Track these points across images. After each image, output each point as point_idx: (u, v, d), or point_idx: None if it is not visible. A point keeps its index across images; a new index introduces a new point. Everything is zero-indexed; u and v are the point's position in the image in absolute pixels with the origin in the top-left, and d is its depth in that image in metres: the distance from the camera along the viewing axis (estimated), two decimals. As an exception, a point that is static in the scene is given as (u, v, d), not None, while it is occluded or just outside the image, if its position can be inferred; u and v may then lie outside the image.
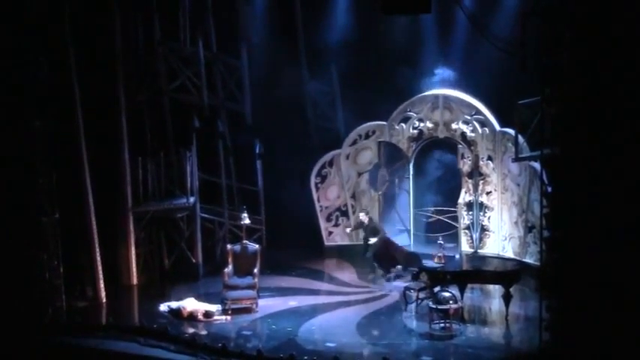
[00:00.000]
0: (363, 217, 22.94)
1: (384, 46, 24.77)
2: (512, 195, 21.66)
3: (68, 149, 19.28)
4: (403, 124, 23.60)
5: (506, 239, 21.98)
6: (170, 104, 22.58)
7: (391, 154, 23.82)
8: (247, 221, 20.94)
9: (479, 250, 22.39)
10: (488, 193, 22.39)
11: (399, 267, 21.15)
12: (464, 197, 22.68)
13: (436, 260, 20.14)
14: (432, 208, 24.34)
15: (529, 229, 20.85)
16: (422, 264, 19.96)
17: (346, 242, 24.23)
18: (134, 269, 21.16)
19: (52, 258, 18.20)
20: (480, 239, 22.47)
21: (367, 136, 24.05)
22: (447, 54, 24.35)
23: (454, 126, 22.80)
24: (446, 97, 22.97)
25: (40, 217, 18.02)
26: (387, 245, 21.45)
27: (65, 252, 18.58)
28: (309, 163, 24.34)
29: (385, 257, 21.24)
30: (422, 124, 23.33)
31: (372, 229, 22.49)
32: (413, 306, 18.76)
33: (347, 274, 22.35)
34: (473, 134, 22.50)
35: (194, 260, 21.96)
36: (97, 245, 19.76)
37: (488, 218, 22.38)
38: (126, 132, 20.81)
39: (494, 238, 22.31)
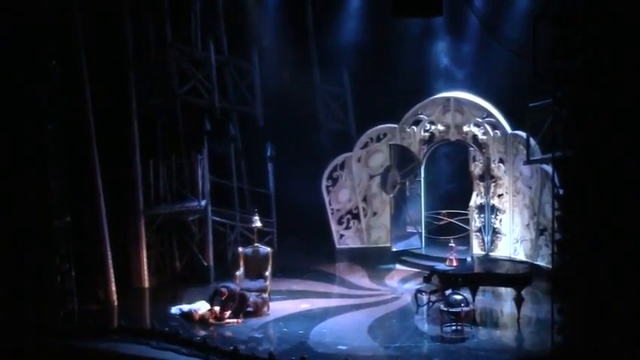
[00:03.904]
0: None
1: (395, 49, 24.77)
2: (524, 197, 21.63)
3: (80, 152, 19.31)
4: (414, 127, 23.57)
5: (517, 242, 21.95)
6: (181, 107, 22.61)
7: (402, 157, 23.80)
8: (259, 224, 21.00)
9: (490, 253, 22.36)
10: (499, 196, 22.36)
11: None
12: (475, 200, 22.66)
13: (447, 263, 20.09)
14: (444, 211, 24.34)
15: (541, 231, 20.82)
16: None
17: (358, 245, 24.23)
18: (145, 272, 21.15)
19: (64, 261, 18.25)
20: (492, 242, 22.44)
21: (378, 139, 24.03)
22: (458, 56, 24.38)
23: (465, 129, 22.77)
24: (457, 100, 22.94)
25: (51, 220, 18.06)
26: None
27: (77, 255, 18.62)
28: (321, 165, 24.33)
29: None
30: (433, 127, 23.30)
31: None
32: (424, 309, 18.73)
33: (358, 277, 22.33)
34: (484, 137, 22.46)
35: (205, 263, 21.95)
36: (108, 248, 19.78)
37: (500, 221, 22.34)
38: (137, 135, 20.82)
39: (505, 241, 22.28)
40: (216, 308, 18.29)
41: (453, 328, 17.39)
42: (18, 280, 17.59)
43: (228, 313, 18.30)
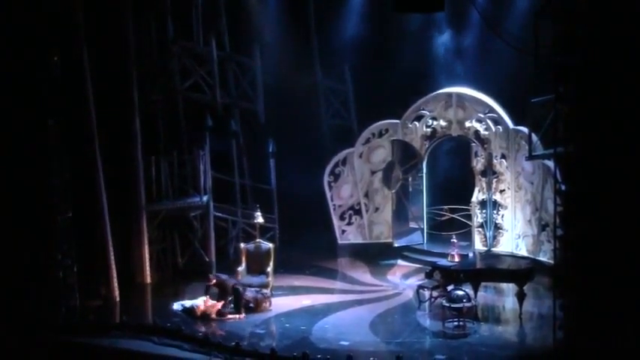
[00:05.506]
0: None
1: (396, 45, 24.79)
2: (526, 193, 21.62)
3: (81, 148, 19.31)
4: (416, 123, 23.53)
5: (519, 237, 21.94)
6: (183, 103, 22.65)
7: (404, 153, 23.79)
8: (260, 220, 21.03)
9: (492, 249, 22.35)
10: (501, 192, 22.34)
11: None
12: (477, 195, 22.65)
13: (449, 259, 20.11)
14: (446, 207, 24.35)
15: (543, 227, 20.82)
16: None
17: (360, 241, 24.20)
18: (147, 268, 21.13)
19: (66, 257, 18.26)
20: (494, 237, 22.44)
21: (380, 135, 23.98)
22: (460, 52, 24.38)
23: (467, 124, 22.74)
24: (459, 96, 22.90)
25: (53, 216, 18.07)
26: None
27: (78, 251, 18.64)
28: (322, 161, 24.31)
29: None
30: (435, 123, 23.27)
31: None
32: (426, 304, 18.73)
33: (360, 273, 22.32)
34: (486, 132, 22.44)
35: (207, 259, 21.97)
36: (110, 244, 19.77)
37: (502, 216, 22.33)
38: (139, 131, 20.81)
39: (507, 237, 22.27)
40: (210, 301, 18.47)
41: (455, 323, 17.40)
42: (20, 275, 17.62)
43: (220, 304, 18.36)
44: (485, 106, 22.51)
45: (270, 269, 19.64)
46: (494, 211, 22.42)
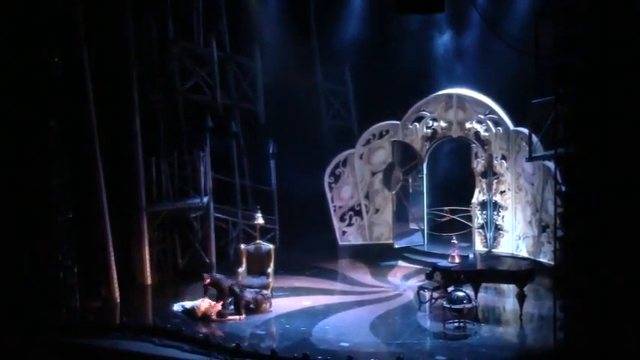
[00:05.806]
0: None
1: (397, 46, 24.79)
2: (526, 194, 21.61)
3: (82, 149, 19.30)
4: (417, 124, 23.52)
5: (520, 238, 21.93)
6: (184, 104, 22.64)
7: (405, 154, 23.78)
8: (261, 221, 21.04)
9: (493, 250, 22.34)
10: (502, 193, 22.33)
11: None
12: (477, 197, 22.63)
13: (450, 260, 20.10)
14: (446, 208, 24.33)
15: (543, 228, 20.81)
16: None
17: (360, 242, 24.18)
18: (148, 269, 21.12)
19: (66, 258, 18.25)
20: (494, 238, 22.42)
21: (381, 136, 23.97)
22: (460, 53, 24.37)
23: (468, 125, 22.73)
24: (460, 97, 22.89)
25: (53, 216, 18.06)
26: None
27: (79, 252, 18.62)
28: (323, 162, 24.30)
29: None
30: (436, 124, 23.26)
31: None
32: (427, 306, 18.73)
33: (361, 274, 22.31)
34: (487, 133, 22.42)
35: (208, 260, 21.97)
36: (110, 245, 19.76)
37: (502, 217, 22.32)
38: (139, 132, 20.80)
39: (508, 238, 22.26)
40: (209, 301, 18.47)
41: (456, 324, 17.39)
42: (20, 276, 17.61)
43: (220, 305, 18.35)
44: (485, 107, 22.50)
45: (270, 270, 19.62)
46: (495, 212, 22.40)
